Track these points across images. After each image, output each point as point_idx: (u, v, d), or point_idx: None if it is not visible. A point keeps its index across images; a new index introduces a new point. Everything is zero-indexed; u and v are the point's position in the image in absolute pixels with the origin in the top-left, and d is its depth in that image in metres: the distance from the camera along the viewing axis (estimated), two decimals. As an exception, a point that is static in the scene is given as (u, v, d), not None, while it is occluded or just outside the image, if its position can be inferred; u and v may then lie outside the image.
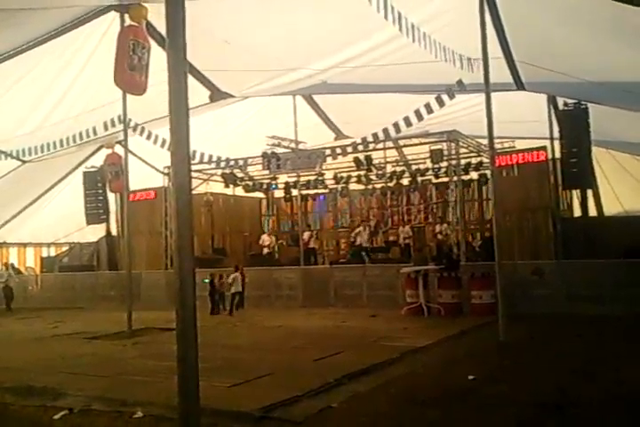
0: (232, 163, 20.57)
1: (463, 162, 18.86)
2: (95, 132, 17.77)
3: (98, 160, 21.64)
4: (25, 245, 26.69)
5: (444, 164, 18.88)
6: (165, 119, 4.24)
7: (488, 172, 17.36)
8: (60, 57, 14.51)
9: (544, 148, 17.19)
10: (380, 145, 19.39)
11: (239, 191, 23.86)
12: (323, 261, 22.72)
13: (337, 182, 22.67)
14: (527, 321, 12.82)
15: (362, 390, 7.49)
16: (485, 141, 14.02)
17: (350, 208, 24.93)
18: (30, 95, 15.82)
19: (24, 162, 19.90)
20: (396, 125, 16.60)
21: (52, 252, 27.50)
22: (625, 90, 12.67)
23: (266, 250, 22.43)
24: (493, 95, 11.41)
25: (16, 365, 9.81)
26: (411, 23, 11.15)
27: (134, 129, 17.63)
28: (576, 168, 15.81)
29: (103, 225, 23.65)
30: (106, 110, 16.36)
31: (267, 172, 20.61)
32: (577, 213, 17.96)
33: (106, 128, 17.44)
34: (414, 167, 21.22)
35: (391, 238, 22.42)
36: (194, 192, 19.93)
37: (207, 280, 16.99)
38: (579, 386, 7.24)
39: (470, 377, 7.74)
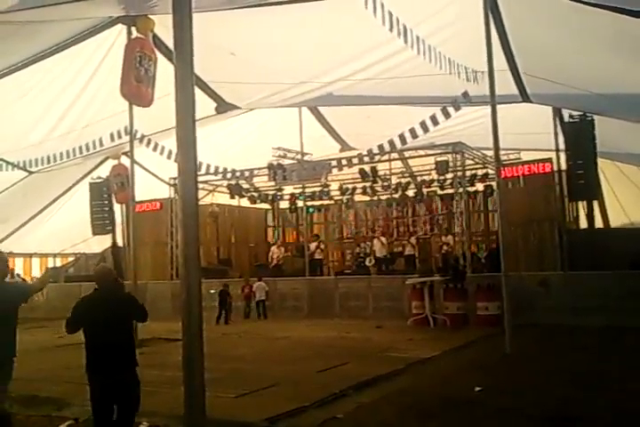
0: (238, 174, 20.60)
1: (469, 173, 18.88)
2: (102, 144, 17.84)
3: (104, 171, 21.73)
4: (31, 255, 26.74)
5: (450, 175, 18.88)
6: (171, 131, 4.28)
7: (494, 183, 17.39)
8: (68, 69, 14.61)
9: (550, 159, 17.19)
10: (386, 157, 19.42)
11: (245, 202, 23.90)
12: (328, 271, 22.70)
13: (342, 194, 22.68)
14: (533, 333, 12.79)
15: (367, 400, 7.48)
16: (491, 153, 14.03)
17: (356, 219, 24.93)
18: (38, 106, 15.91)
19: (31, 173, 19.99)
20: (401, 137, 16.62)
21: (58, 262, 27.53)
22: (630, 101, 12.70)
23: (275, 262, 22.36)
24: (499, 107, 11.44)
25: (21, 374, 9.74)
26: (416, 36, 11.21)
27: (140, 140, 17.71)
28: (582, 180, 15.79)
29: (109, 236, 23.69)
30: (112, 122, 16.43)
31: (272, 183, 20.67)
32: (583, 224, 17.92)
33: (112, 139, 17.50)
34: (420, 179, 21.22)
35: (396, 250, 22.38)
36: (199, 203, 19.96)
37: (213, 291, 17.11)
38: (585, 399, 7.20)
39: (477, 389, 7.71)
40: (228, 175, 20.78)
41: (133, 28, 13.05)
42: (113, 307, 5.53)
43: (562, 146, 16.62)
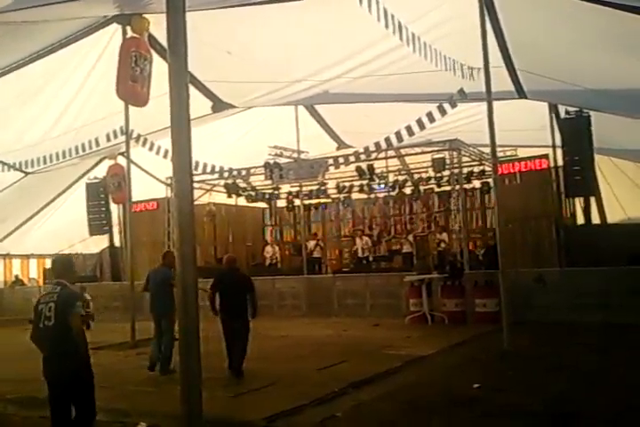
0: (234, 173, 20.57)
1: (465, 170, 18.87)
2: (98, 144, 17.78)
3: (100, 171, 21.67)
4: (28, 256, 26.69)
5: (447, 172, 18.88)
6: (168, 130, 4.25)
7: (490, 180, 17.38)
8: (63, 69, 14.56)
9: (546, 156, 17.19)
10: (382, 154, 19.40)
11: (242, 201, 23.88)
12: (325, 270, 22.71)
13: (339, 192, 22.67)
14: (531, 329, 12.79)
15: (366, 398, 7.47)
16: (487, 150, 14.02)
17: (353, 217, 24.93)
18: (33, 107, 15.86)
19: (27, 173, 19.94)
20: (398, 135, 16.58)
21: (56, 263, 27.46)
22: (627, 97, 12.69)
23: (268, 261, 22.40)
24: (495, 104, 11.43)
25: (19, 376, 9.79)
26: (411, 33, 11.18)
27: (137, 140, 17.65)
28: (578, 176, 15.81)
29: (106, 236, 23.65)
30: (108, 122, 16.39)
31: (269, 182, 20.65)
32: (580, 220, 17.91)
33: (108, 139, 17.45)
34: (416, 176, 21.21)
35: (394, 247, 22.38)
36: (196, 202, 19.92)
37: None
38: (585, 395, 7.21)
39: (475, 386, 7.71)
40: (225, 174, 20.75)
41: (128, 28, 13.02)
42: (235, 280, 9.45)
43: (558, 142, 16.61)
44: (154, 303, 9.86)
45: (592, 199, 17.66)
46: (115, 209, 22.82)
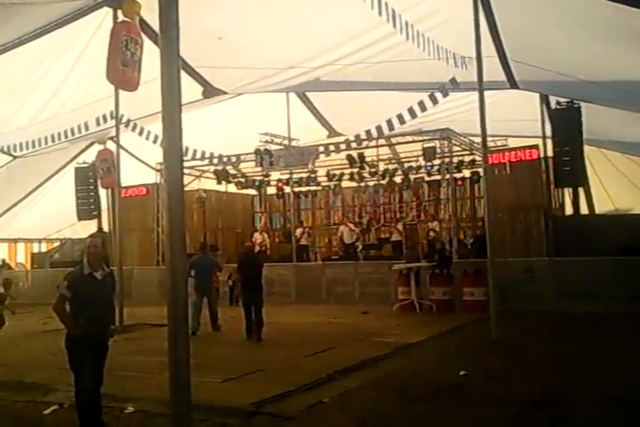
0: (225, 159, 20.49)
1: (456, 160, 18.89)
2: (87, 128, 17.69)
3: (90, 156, 21.54)
4: (15, 240, 26.57)
5: (437, 161, 18.90)
6: (158, 115, 4.23)
7: (480, 170, 17.40)
8: (53, 52, 14.44)
9: (536, 146, 17.20)
10: (373, 142, 19.37)
11: (232, 188, 23.83)
12: (315, 257, 22.72)
13: (329, 180, 22.64)
14: (519, 318, 12.87)
15: (353, 385, 7.51)
16: (478, 139, 14.04)
17: (343, 205, 24.94)
18: (22, 90, 15.73)
19: (15, 157, 19.81)
20: (389, 123, 16.56)
21: (43, 248, 27.38)
22: (618, 89, 12.72)
23: (257, 248, 22.36)
24: (486, 94, 11.43)
25: (6, 360, 9.78)
26: (405, 21, 11.14)
27: (126, 125, 17.56)
28: (568, 166, 15.86)
29: (95, 221, 23.54)
30: (98, 106, 16.28)
31: (259, 169, 20.59)
32: (569, 211, 18.00)
33: (98, 124, 17.35)
34: (407, 165, 21.22)
35: (383, 236, 22.43)
36: (186, 189, 19.85)
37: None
38: (571, 384, 7.27)
39: (461, 373, 7.77)
40: (215, 161, 20.67)
41: (119, 12, 12.89)
42: (252, 262, 12.00)
43: (548, 133, 16.64)
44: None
45: (581, 190, 17.76)
46: (104, 194, 22.71)
